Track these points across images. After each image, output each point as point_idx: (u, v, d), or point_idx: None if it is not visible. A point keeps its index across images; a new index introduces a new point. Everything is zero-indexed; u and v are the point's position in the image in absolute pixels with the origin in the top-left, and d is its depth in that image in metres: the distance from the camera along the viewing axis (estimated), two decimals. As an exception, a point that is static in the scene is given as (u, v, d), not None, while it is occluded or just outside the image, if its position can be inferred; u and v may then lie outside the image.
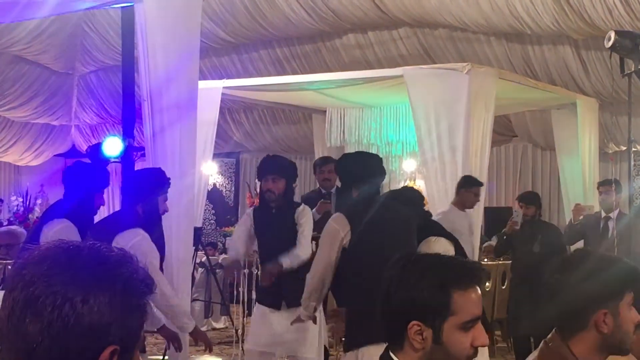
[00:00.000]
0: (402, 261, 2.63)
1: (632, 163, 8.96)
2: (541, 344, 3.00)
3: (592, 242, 9.72)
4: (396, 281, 2.57)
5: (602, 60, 12.56)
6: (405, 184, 12.82)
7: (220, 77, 13.36)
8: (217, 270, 12.47)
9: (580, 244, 10.10)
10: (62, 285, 1.60)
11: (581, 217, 10.11)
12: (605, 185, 10.00)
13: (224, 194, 19.07)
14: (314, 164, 10.24)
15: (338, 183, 8.82)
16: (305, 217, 6.87)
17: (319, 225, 7.12)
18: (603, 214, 9.89)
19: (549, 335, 3.00)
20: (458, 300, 2.50)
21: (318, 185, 9.88)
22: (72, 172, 6.24)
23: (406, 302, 2.52)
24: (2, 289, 2.22)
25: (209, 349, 6.27)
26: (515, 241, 9.85)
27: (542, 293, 9.26)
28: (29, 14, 8.56)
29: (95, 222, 6.24)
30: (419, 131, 9.31)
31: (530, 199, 9.94)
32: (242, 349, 8.69)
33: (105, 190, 6.25)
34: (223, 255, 13.02)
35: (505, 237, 10.01)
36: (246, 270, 9.13)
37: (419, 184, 12.35)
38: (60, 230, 5.90)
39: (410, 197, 6.29)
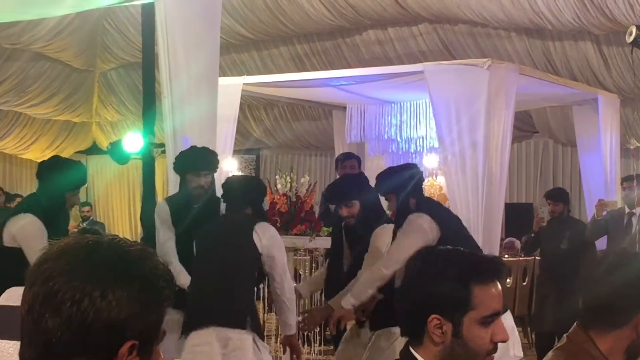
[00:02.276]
0: (422, 255, 2.63)
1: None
2: (563, 339, 2.97)
3: (615, 237, 9.68)
4: (416, 275, 2.57)
5: (624, 55, 12.49)
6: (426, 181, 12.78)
7: (240, 74, 13.39)
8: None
9: (603, 240, 10.06)
10: (81, 281, 1.61)
11: (604, 212, 10.06)
12: (629, 181, 9.96)
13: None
14: (335, 160, 10.25)
15: None
16: (376, 237, 6.36)
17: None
18: (627, 210, 9.85)
19: (571, 330, 2.97)
20: (478, 295, 2.49)
21: None
22: (47, 168, 6.30)
23: (426, 296, 2.52)
24: None
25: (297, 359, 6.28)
26: (543, 238, 9.85)
27: (570, 290, 9.23)
28: (50, 11, 8.60)
29: None
30: (440, 127, 9.29)
31: (558, 196, 9.95)
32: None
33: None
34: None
35: (533, 235, 10.02)
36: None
37: (440, 181, 12.32)
38: (25, 226, 6.01)
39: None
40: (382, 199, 6.48)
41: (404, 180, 6.16)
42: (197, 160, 6.54)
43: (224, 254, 5.94)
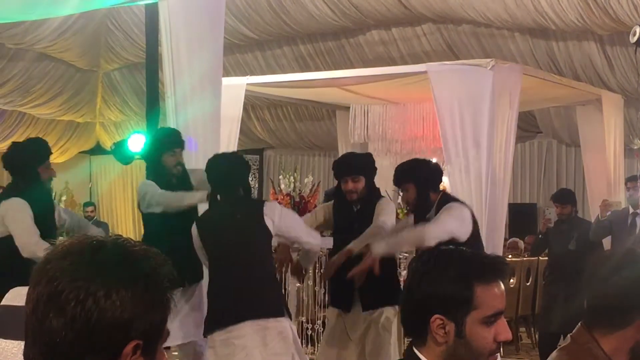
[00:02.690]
0: (424, 255, 2.63)
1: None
2: (568, 339, 2.97)
3: (619, 238, 9.68)
4: (419, 274, 2.57)
5: (627, 56, 12.49)
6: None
7: (244, 74, 13.39)
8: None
9: (607, 240, 10.06)
10: (85, 280, 1.61)
11: (609, 212, 10.06)
12: (633, 181, 9.97)
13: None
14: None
15: None
16: (383, 208, 6.59)
17: None
18: (631, 210, 9.85)
19: (575, 330, 2.97)
20: (481, 295, 2.49)
21: None
22: (9, 155, 6.43)
23: (428, 296, 2.52)
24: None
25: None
26: (551, 239, 9.88)
27: (578, 290, 9.20)
28: (54, 11, 8.61)
29: None
30: (443, 127, 9.29)
31: (565, 197, 9.98)
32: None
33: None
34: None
35: (541, 236, 10.05)
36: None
37: (443, 181, 12.31)
38: (8, 205, 6.23)
39: None
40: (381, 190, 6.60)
41: (426, 173, 6.30)
42: (170, 141, 6.57)
43: (243, 247, 5.89)
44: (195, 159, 6.84)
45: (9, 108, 17.53)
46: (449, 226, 5.89)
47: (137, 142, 8.19)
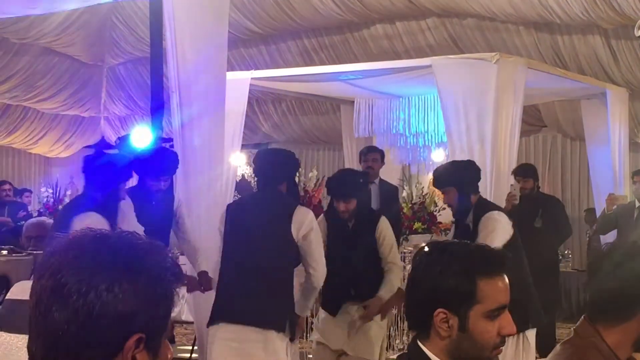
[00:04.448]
0: (428, 249, 2.63)
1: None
2: (571, 332, 2.96)
3: (625, 231, 9.65)
4: (422, 269, 2.57)
5: (632, 49, 12.47)
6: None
7: (248, 68, 13.38)
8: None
9: (613, 234, 10.04)
10: (88, 273, 1.62)
11: (615, 206, 10.02)
12: (639, 175, 9.95)
13: (253, 185, 19.05)
14: (359, 153, 10.26)
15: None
16: (384, 232, 6.64)
17: None
18: (637, 204, 9.83)
19: (578, 324, 2.97)
20: (484, 289, 2.49)
21: None
22: (94, 163, 6.26)
23: (432, 290, 2.52)
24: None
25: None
26: (515, 217, 9.48)
27: (547, 271, 9.07)
28: (58, 6, 8.61)
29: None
30: (448, 121, 9.27)
31: (525, 171, 9.58)
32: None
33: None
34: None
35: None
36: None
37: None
38: (91, 224, 5.95)
39: None
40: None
41: (466, 176, 6.43)
42: (156, 167, 6.62)
43: (260, 246, 5.81)
44: (200, 154, 6.85)
45: (13, 103, 17.57)
46: (497, 244, 5.77)
47: (142, 137, 8.18)
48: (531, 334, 6.21)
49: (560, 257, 11.85)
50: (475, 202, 6.38)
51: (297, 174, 6.71)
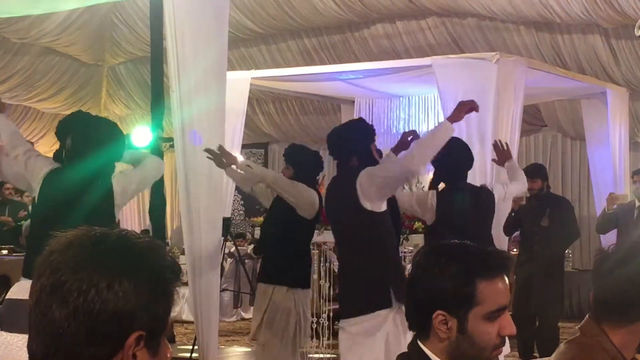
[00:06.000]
0: (427, 250, 2.62)
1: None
2: (576, 331, 2.95)
3: (625, 231, 9.65)
4: (421, 270, 2.56)
5: (633, 49, 12.48)
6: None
7: (249, 68, 13.38)
8: (246, 261, 12.50)
9: (613, 233, 10.04)
10: (88, 271, 1.62)
11: (615, 206, 10.02)
12: (639, 174, 9.95)
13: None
14: None
15: None
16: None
17: None
18: (637, 203, 9.83)
19: (583, 323, 2.95)
20: (484, 291, 2.47)
21: None
22: None
23: (430, 292, 2.50)
24: None
25: None
26: (522, 216, 9.46)
27: (553, 270, 9.15)
28: (59, 5, 8.61)
29: None
30: (448, 121, 9.27)
31: (535, 172, 9.48)
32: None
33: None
34: (252, 246, 13.04)
35: (513, 214, 9.44)
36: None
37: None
38: None
39: None
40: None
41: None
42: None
43: (337, 228, 5.99)
44: (200, 153, 6.84)
45: (13, 102, 17.54)
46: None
47: (142, 137, 8.19)
48: None
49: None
50: None
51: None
